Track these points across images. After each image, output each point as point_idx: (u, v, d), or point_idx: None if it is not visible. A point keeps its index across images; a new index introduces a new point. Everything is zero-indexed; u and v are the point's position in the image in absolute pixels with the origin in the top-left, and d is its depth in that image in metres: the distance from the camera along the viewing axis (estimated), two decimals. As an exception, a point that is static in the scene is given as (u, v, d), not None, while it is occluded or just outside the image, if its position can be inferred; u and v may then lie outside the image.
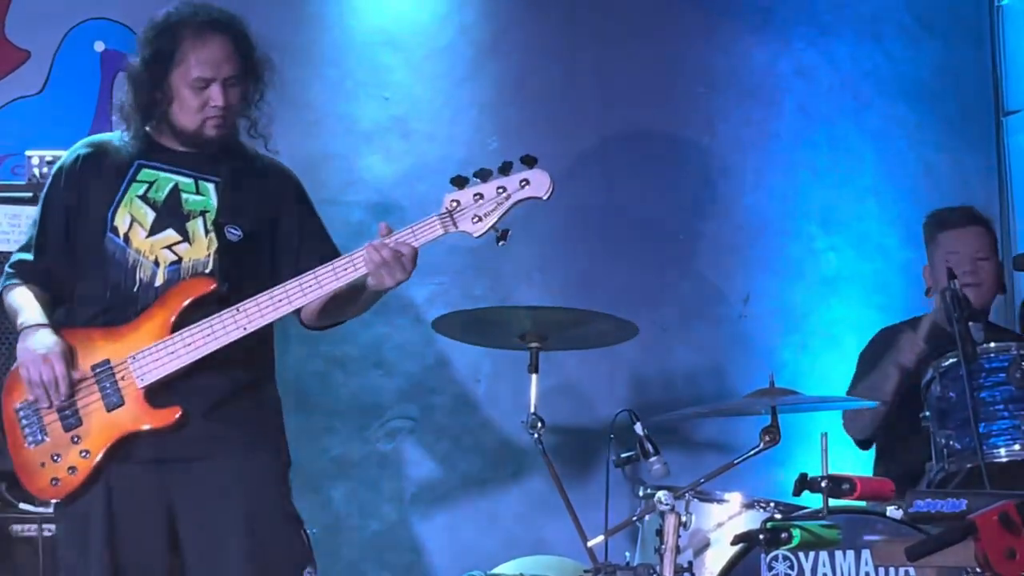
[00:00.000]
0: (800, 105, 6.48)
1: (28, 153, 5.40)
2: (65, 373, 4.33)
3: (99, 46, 5.95)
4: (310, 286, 4.39)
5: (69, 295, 4.55)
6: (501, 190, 4.38)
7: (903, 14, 6.56)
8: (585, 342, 5.41)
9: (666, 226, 6.32)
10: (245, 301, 4.39)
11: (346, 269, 4.40)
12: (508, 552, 5.78)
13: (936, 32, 6.58)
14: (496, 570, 5.58)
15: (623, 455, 5.19)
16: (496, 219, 4.38)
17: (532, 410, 5.07)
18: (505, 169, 4.39)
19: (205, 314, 4.38)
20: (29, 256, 4.56)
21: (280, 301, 4.39)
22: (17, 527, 5.06)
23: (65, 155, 4.64)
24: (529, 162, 4.38)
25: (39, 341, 4.37)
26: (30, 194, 5.26)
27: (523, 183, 4.38)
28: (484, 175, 4.37)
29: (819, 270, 6.40)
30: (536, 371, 5.12)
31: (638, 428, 5.11)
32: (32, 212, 5.00)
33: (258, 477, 4.49)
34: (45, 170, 5.30)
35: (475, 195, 4.37)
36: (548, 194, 4.39)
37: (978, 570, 3.17)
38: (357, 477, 5.95)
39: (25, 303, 4.48)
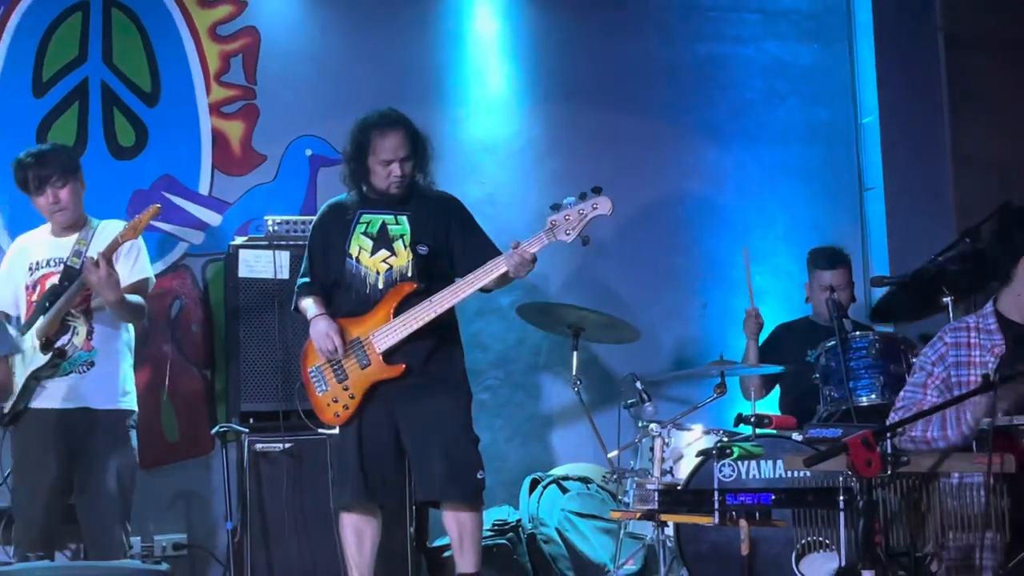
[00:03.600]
0: (737, 185, 6.41)
1: (265, 217, 5.41)
2: (341, 343, 4.45)
3: (308, 152, 5.88)
4: (468, 284, 4.45)
5: (329, 299, 4.61)
6: (581, 212, 4.38)
7: (801, 129, 6.49)
8: (608, 338, 5.40)
9: (655, 259, 6.24)
10: (435, 295, 4.45)
11: (488, 272, 4.44)
12: (558, 460, 5.93)
13: (821, 140, 6.51)
14: (551, 471, 5.68)
15: (629, 401, 5.17)
16: (579, 231, 4.39)
17: (574, 373, 5.13)
18: (583, 197, 4.41)
19: (412, 304, 4.46)
20: (308, 279, 4.65)
21: (454, 293, 4.46)
22: (260, 445, 5.01)
23: (318, 213, 4.73)
24: (597, 191, 4.40)
25: (325, 324, 4.48)
26: (267, 243, 5.28)
27: (594, 206, 4.38)
28: (571, 202, 4.40)
29: (750, 287, 6.40)
30: (576, 349, 5.17)
31: (638, 384, 5.09)
32: (268, 255, 5.22)
33: (452, 410, 4.52)
34: (276, 228, 5.33)
35: (565, 216, 4.38)
36: (611, 211, 4.39)
37: (849, 473, 3.21)
38: (465, 415, 5.95)
39: (313, 304, 4.58)
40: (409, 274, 4.52)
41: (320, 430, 4.69)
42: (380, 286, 4.52)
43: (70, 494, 4.64)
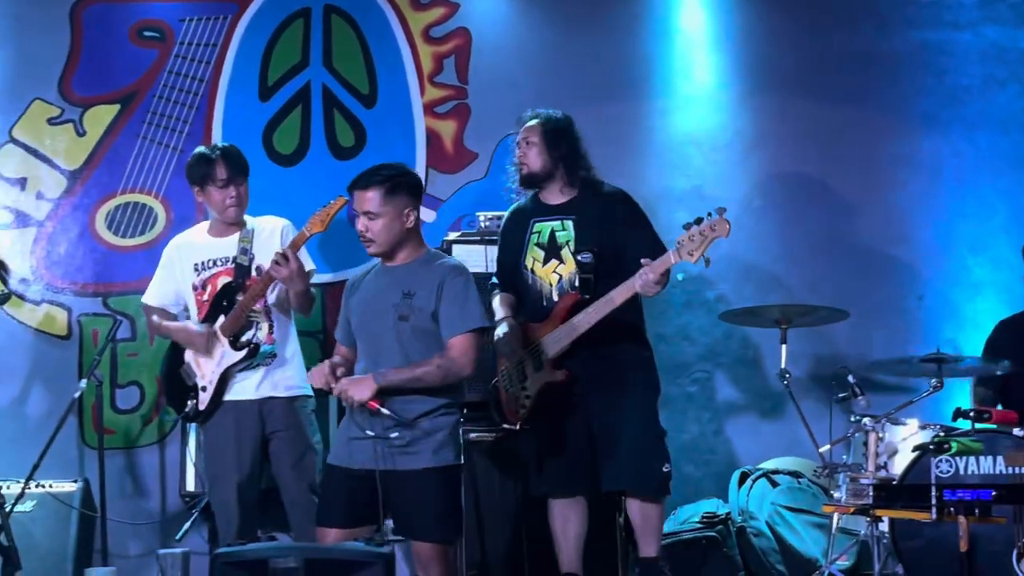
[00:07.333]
0: (955, 174, 6.22)
1: (477, 214, 5.50)
2: (519, 345, 4.61)
3: (517, 150, 6.04)
4: (608, 302, 4.46)
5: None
6: (703, 233, 4.29)
7: (1022, 115, 6.24)
8: (815, 322, 5.32)
9: (869, 251, 6.11)
10: (592, 304, 4.51)
11: (627, 290, 4.44)
12: (767, 454, 5.82)
13: (1036, 129, 6.34)
14: (759, 465, 5.64)
15: (840, 395, 5.04)
16: (701, 252, 4.30)
17: (783, 366, 5.07)
18: (706, 217, 4.32)
19: (579, 311, 4.54)
20: (498, 284, 4.84)
21: (597, 310, 4.49)
22: (473, 434, 5.09)
23: (503, 221, 4.90)
24: (720, 211, 4.29)
25: (508, 329, 4.62)
26: (479, 238, 5.37)
27: (712, 227, 4.29)
28: (698, 222, 4.31)
29: (969, 279, 6.14)
30: (785, 342, 5.11)
31: (850, 378, 4.99)
32: (479, 250, 5.32)
33: (639, 404, 4.61)
34: (487, 224, 5.40)
35: (689, 237, 4.31)
36: (727, 234, 4.28)
37: (1073, 467, 3.10)
38: (673, 407, 5.84)
39: (500, 305, 4.74)
40: (576, 283, 4.61)
41: (506, 425, 4.76)
42: (554, 297, 4.66)
43: (262, 480, 4.85)
